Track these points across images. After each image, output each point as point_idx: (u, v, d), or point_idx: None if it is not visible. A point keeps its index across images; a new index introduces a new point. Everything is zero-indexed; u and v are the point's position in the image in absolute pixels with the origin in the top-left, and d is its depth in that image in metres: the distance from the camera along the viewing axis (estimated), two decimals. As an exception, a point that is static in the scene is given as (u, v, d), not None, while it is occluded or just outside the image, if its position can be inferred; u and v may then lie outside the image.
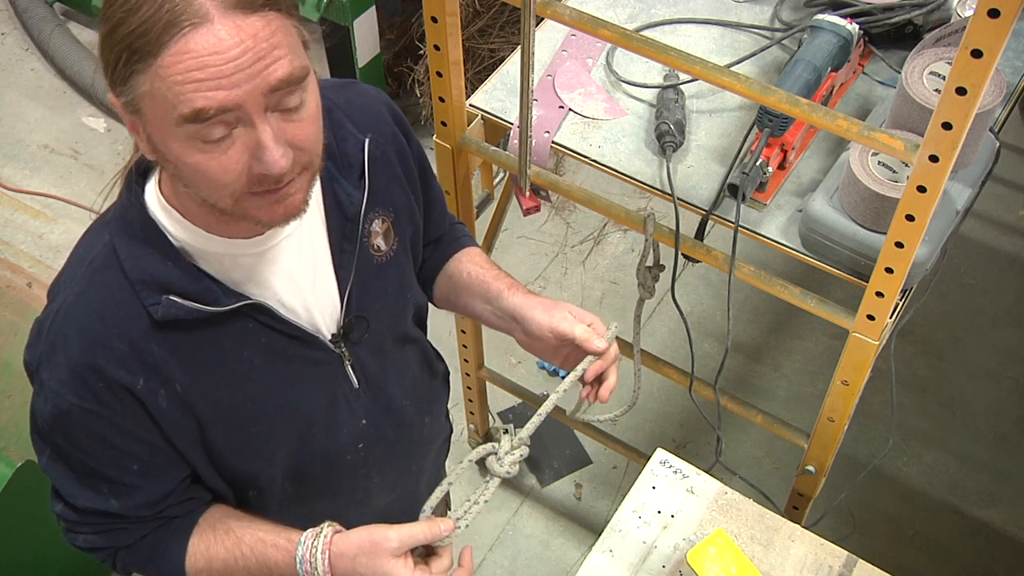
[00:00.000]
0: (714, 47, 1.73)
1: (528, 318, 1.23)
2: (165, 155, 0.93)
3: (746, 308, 2.77)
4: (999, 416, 2.56)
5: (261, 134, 0.90)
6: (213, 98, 0.87)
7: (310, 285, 1.12)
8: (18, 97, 3.37)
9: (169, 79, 0.86)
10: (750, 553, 1.39)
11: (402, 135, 1.21)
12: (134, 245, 1.02)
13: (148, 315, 1.01)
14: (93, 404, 1.02)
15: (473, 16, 2.85)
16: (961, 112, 1.07)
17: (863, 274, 1.41)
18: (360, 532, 1.10)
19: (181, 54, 0.86)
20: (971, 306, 2.77)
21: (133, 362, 1.02)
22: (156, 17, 0.85)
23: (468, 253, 1.37)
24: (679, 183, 1.55)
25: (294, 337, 1.10)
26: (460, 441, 2.54)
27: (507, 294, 1.27)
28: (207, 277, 1.03)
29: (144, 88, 0.88)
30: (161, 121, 0.90)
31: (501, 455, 1.16)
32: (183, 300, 1.01)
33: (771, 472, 2.45)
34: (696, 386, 1.75)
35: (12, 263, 2.86)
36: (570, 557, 2.36)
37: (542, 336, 1.22)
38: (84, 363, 1.01)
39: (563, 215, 2.99)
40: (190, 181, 0.94)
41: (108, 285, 1.01)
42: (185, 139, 0.90)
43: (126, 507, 1.11)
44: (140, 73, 0.87)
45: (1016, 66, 1.67)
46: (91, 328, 1.01)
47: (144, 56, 0.86)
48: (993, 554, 2.34)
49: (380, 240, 1.18)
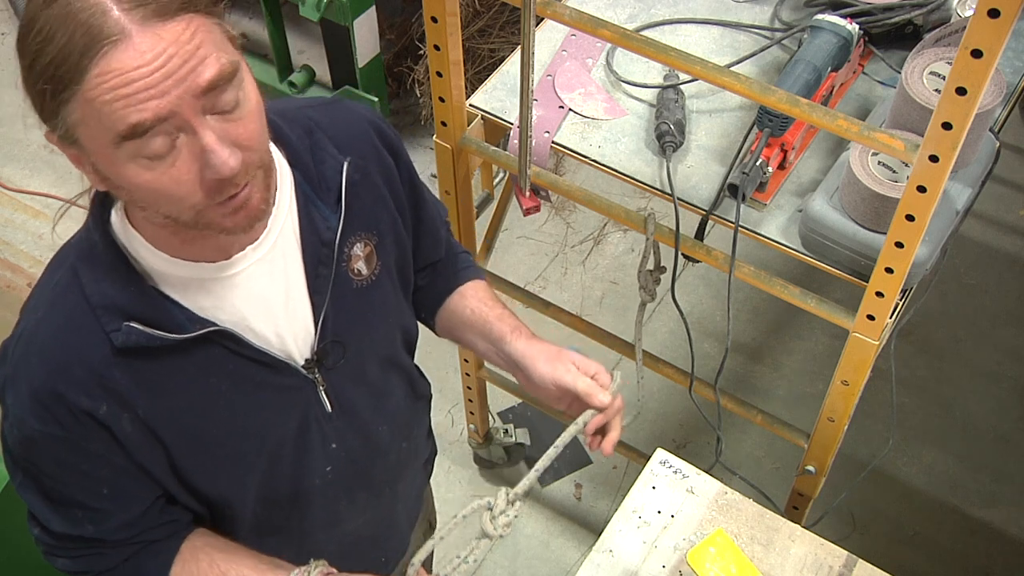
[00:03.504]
0: (714, 47, 1.73)
1: (531, 368, 1.22)
2: (115, 181, 0.91)
3: (746, 308, 2.77)
4: (999, 416, 2.56)
5: (204, 138, 0.88)
6: (146, 109, 0.85)
7: (283, 310, 1.09)
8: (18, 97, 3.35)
9: (98, 101, 0.85)
10: (750, 553, 1.39)
11: (389, 155, 1.18)
12: (96, 269, 1.00)
13: (109, 341, 0.99)
14: (56, 429, 1.01)
15: (473, 16, 2.85)
16: (961, 112, 1.07)
17: (863, 274, 1.41)
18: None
19: (105, 74, 0.84)
20: (971, 306, 2.77)
21: (95, 387, 1.00)
22: (72, 43, 0.83)
23: (472, 288, 1.34)
24: (679, 183, 1.55)
25: (263, 363, 1.08)
26: (460, 441, 2.53)
27: (510, 338, 1.25)
28: (171, 303, 1.01)
29: (75, 116, 0.87)
30: (100, 146, 0.88)
31: (496, 514, 1.13)
32: (144, 327, 0.99)
33: (771, 472, 2.45)
34: (696, 386, 1.75)
35: (12, 263, 2.87)
36: (570, 557, 2.36)
37: (544, 387, 1.22)
38: (46, 389, 0.99)
39: (563, 215, 2.99)
40: (146, 202, 0.93)
41: (70, 309, 1.00)
42: (129, 159, 0.88)
43: (101, 531, 1.10)
44: (68, 102, 0.86)
45: (1016, 66, 1.67)
46: (52, 353, 1.00)
47: (68, 84, 0.85)
48: (993, 554, 2.34)
49: (361, 264, 1.15)
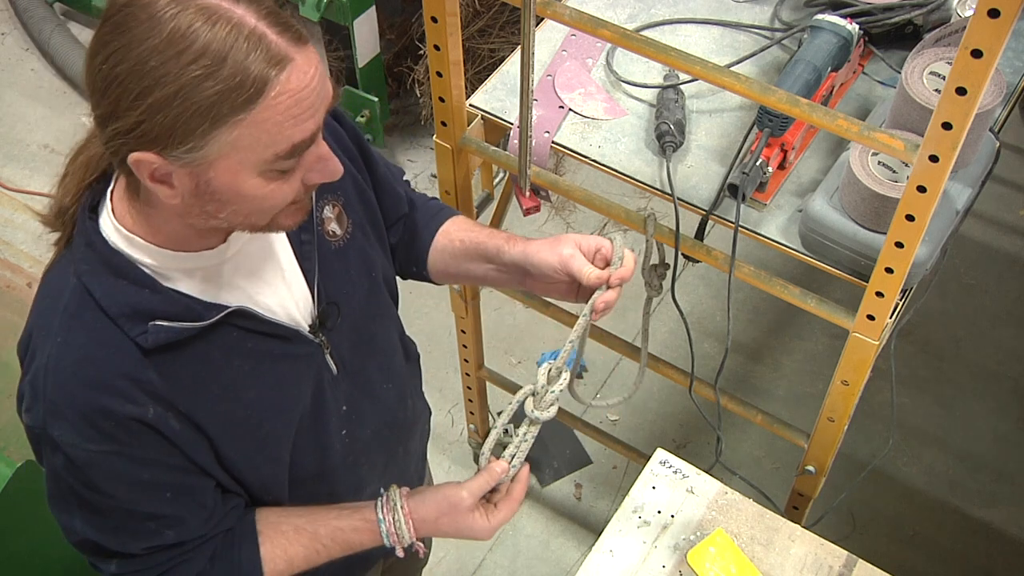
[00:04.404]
0: (714, 47, 1.73)
1: (535, 262, 1.22)
2: (221, 196, 0.94)
3: (746, 308, 2.77)
4: (999, 416, 2.56)
5: (321, 148, 0.96)
6: (306, 127, 0.92)
7: (280, 282, 1.12)
8: (18, 97, 3.37)
9: (269, 122, 0.89)
10: (750, 553, 1.39)
11: (332, 118, 1.21)
12: (106, 280, 1.01)
13: (137, 346, 1.00)
14: (112, 446, 1.01)
15: (473, 16, 2.85)
16: (961, 112, 1.07)
17: (863, 274, 1.41)
18: (434, 494, 1.19)
19: (280, 95, 0.89)
20: (971, 306, 2.77)
21: (137, 393, 1.01)
22: (246, 70, 0.87)
23: (454, 222, 1.37)
24: (679, 183, 1.55)
25: (278, 336, 1.11)
26: (460, 441, 2.54)
27: (507, 247, 1.26)
28: (182, 295, 1.03)
29: (227, 138, 0.89)
30: (241, 165, 0.92)
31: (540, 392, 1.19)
32: (169, 323, 1.01)
33: (771, 472, 2.45)
34: (696, 386, 1.75)
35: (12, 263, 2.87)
36: (570, 557, 2.36)
37: (555, 277, 1.22)
38: (92, 407, 1.00)
39: (563, 215, 2.99)
40: (243, 212, 0.97)
41: (90, 327, 1.00)
42: (258, 174, 0.93)
43: (180, 533, 1.11)
44: (224, 126, 0.88)
45: (1016, 66, 1.67)
46: (87, 373, 1.00)
47: (238, 109, 0.88)
48: (993, 554, 2.34)
49: (334, 225, 1.19)
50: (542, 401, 1.19)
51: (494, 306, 2.65)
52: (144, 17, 0.87)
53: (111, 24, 0.88)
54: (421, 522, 1.19)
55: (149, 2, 0.87)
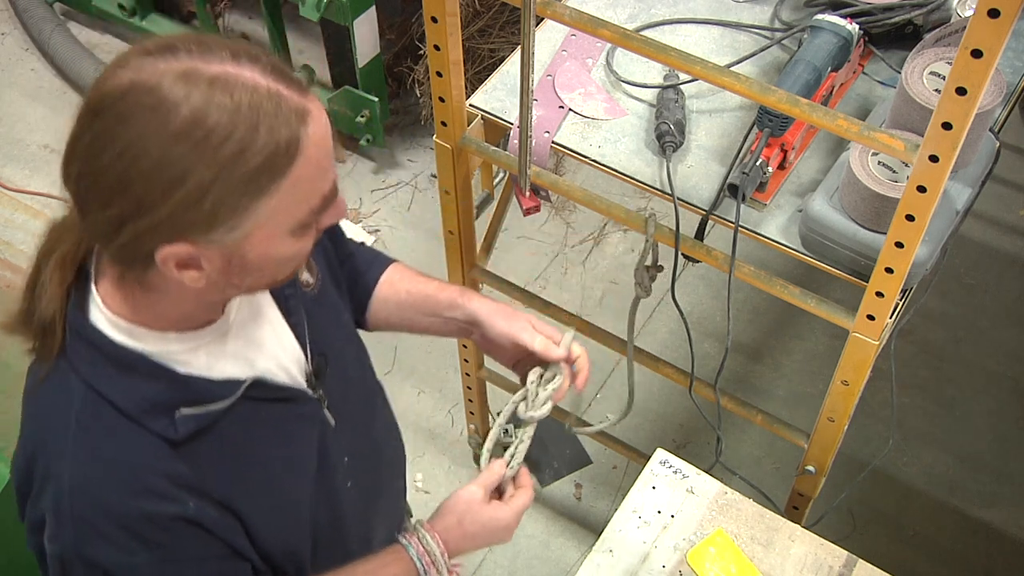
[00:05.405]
0: (714, 47, 1.73)
1: (489, 324, 1.24)
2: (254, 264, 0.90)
3: (746, 308, 2.77)
4: (999, 416, 2.56)
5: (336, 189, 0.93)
6: (331, 176, 0.90)
7: (274, 342, 1.08)
8: (18, 97, 3.36)
9: (303, 180, 0.86)
10: (750, 553, 1.39)
11: None
12: (118, 379, 0.94)
13: (163, 440, 0.95)
14: (158, 553, 0.96)
15: (473, 16, 2.85)
16: (961, 112, 1.07)
17: (863, 274, 1.41)
18: (446, 503, 1.18)
19: (310, 149, 0.86)
20: (971, 306, 2.77)
21: (175, 490, 0.96)
22: (278, 134, 0.84)
23: (395, 271, 1.34)
24: (679, 183, 1.55)
25: (286, 400, 1.08)
26: (460, 441, 2.54)
27: (461, 300, 1.26)
28: (197, 378, 0.98)
29: (267, 207, 0.86)
30: (277, 229, 0.88)
31: (530, 400, 1.22)
32: (195, 409, 0.97)
33: (771, 472, 2.45)
34: (696, 386, 1.75)
35: (12, 263, 2.87)
36: (570, 557, 2.36)
37: (502, 344, 1.24)
38: (133, 515, 0.94)
39: (563, 215, 2.99)
40: (263, 276, 0.93)
41: (112, 431, 0.94)
42: (290, 235, 0.90)
43: None
44: (264, 196, 0.85)
45: (1016, 66, 1.67)
46: (121, 480, 0.94)
47: (277, 176, 0.85)
48: (993, 554, 2.34)
49: (306, 274, 1.15)
50: (534, 402, 1.21)
51: (494, 306, 2.64)
52: (153, 103, 0.81)
53: (112, 116, 0.82)
54: (445, 531, 1.16)
55: (153, 86, 0.81)
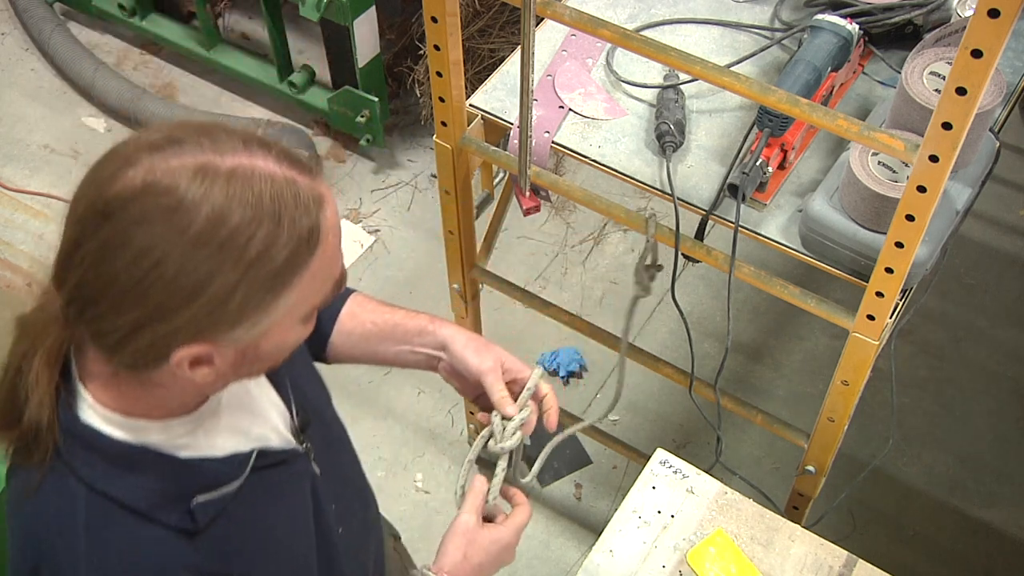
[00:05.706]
0: (714, 47, 1.73)
1: (460, 356, 1.19)
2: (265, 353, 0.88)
3: (746, 308, 2.77)
4: (999, 416, 2.56)
5: None
6: (341, 258, 0.88)
7: (263, 403, 1.06)
8: (18, 97, 3.36)
9: (322, 267, 0.84)
10: (750, 553, 1.39)
11: None
12: (122, 476, 0.90)
13: (180, 532, 0.92)
14: None
15: (473, 16, 2.85)
16: (961, 112, 1.07)
17: (863, 274, 1.41)
18: (446, 541, 1.12)
19: (328, 235, 0.84)
20: (971, 306, 2.77)
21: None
22: (300, 223, 0.81)
23: (356, 303, 1.29)
24: (679, 183, 1.55)
25: (282, 462, 1.05)
26: (460, 441, 2.54)
27: (432, 327, 1.22)
28: (201, 459, 0.95)
29: (289, 300, 0.83)
30: (294, 319, 0.86)
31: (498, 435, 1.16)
32: (208, 494, 0.93)
33: (771, 472, 2.45)
34: (696, 386, 1.75)
35: (12, 263, 2.87)
36: (570, 557, 2.36)
37: (467, 377, 1.20)
38: None
39: (563, 215, 2.99)
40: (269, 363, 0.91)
41: (127, 532, 0.90)
42: (302, 322, 0.88)
43: None
44: (287, 289, 0.83)
45: (1016, 66, 1.67)
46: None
47: (300, 266, 0.82)
48: (993, 554, 2.34)
49: None
50: (503, 435, 1.16)
51: (494, 306, 2.64)
52: (171, 204, 0.77)
53: (125, 219, 0.78)
54: (454, 567, 1.12)
55: (168, 187, 0.77)
